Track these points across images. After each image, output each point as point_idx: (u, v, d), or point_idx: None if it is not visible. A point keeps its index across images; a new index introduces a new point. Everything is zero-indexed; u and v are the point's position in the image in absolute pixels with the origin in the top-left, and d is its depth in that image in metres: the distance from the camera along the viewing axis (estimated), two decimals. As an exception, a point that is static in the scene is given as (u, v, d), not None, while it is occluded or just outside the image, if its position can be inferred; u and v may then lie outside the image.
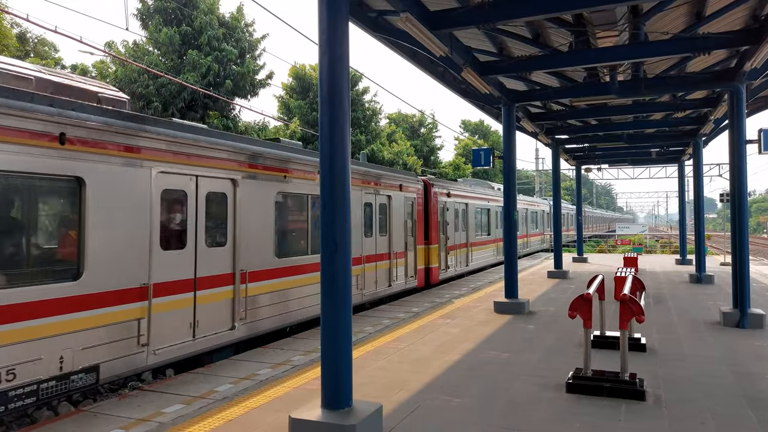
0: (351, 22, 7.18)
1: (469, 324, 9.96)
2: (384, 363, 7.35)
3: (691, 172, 18.49)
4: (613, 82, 10.79)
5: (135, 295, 6.79)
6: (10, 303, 5.45)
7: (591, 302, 6.06)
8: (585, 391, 5.99)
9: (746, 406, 5.58)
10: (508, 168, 12.01)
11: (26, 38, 29.06)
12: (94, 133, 6.34)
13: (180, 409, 5.81)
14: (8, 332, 5.42)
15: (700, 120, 15.34)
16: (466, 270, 19.70)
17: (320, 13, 5.08)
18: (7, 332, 5.41)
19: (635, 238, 44.20)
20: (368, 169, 12.98)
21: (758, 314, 9.59)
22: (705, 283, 15.77)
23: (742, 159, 9.96)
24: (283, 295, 9.50)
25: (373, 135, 31.34)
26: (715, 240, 50.50)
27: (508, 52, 10.43)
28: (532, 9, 7.46)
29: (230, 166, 8.39)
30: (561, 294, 13.72)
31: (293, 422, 4.62)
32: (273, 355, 8.21)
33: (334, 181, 4.97)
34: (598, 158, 23.11)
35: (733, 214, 10.01)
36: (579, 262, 23.53)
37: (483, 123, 62.78)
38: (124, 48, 23.53)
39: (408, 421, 5.23)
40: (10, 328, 5.44)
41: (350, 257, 5.06)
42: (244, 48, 24.90)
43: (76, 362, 6.02)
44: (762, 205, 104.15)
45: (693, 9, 8.59)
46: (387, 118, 43.77)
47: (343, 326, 4.94)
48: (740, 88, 10.08)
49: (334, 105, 4.99)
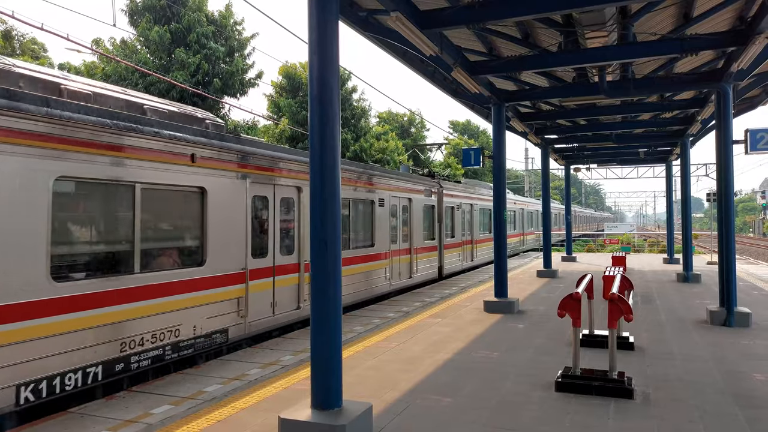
0: (341, 21, 7.15)
1: (459, 323, 9.98)
2: (374, 363, 7.34)
3: (679, 171, 18.65)
4: (602, 82, 10.85)
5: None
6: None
7: (580, 301, 6.08)
8: (574, 389, 6.01)
9: (734, 404, 5.63)
10: (498, 167, 12.04)
11: (11, 36, 28.70)
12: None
13: (168, 409, 5.76)
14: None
15: (687, 120, 15.48)
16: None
17: (310, 12, 5.06)
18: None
19: (623, 237, 44.52)
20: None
21: (745, 313, 9.68)
22: (692, 282, 15.91)
23: (728, 159, 10.05)
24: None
25: (362, 133, 31.29)
26: (702, 239, 51.05)
27: (498, 52, 10.46)
28: (521, 9, 7.48)
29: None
30: (550, 293, 13.78)
31: (283, 422, 4.60)
32: (262, 355, 8.18)
33: (324, 180, 4.95)
34: (587, 158, 23.23)
35: (720, 214, 10.11)
36: (568, 261, 23.66)
37: (470, 123, 62.91)
38: (112, 45, 23.31)
39: (398, 421, 5.23)
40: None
41: (340, 257, 5.05)
42: (233, 46, 24.77)
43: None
44: (748, 205, 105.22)
45: (681, 10, 8.66)
46: (378, 117, 43.77)
47: (333, 326, 4.92)
48: (727, 89, 10.17)
49: (324, 104, 4.97)
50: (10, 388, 5.49)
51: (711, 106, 12.45)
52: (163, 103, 8.58)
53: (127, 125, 6.87)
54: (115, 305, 6.62)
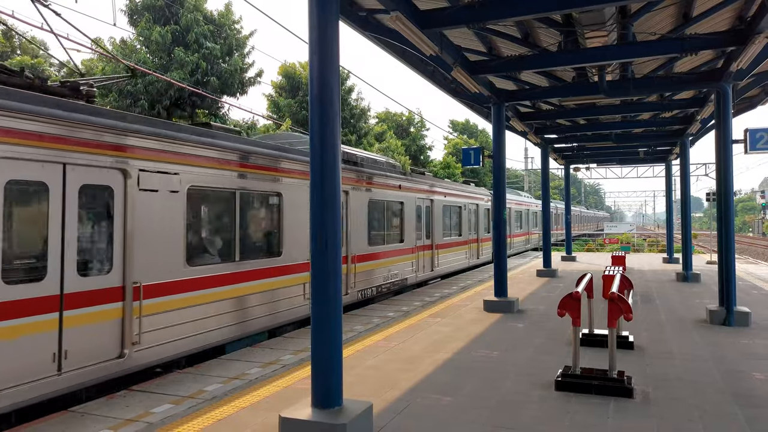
0: (341, 20, 7.15)
1: (459, 323, 9.99)
2: (374, 362, 7.35)
3: (678, 171, 18.66)
4: (602, 82, 10.86)
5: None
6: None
7: (580, 301, 6.09)
8: (574, 389, 6.02)
9: (733, 404, 5.65)
10: (498, 167, 12.05)
11: (12, 35, 28.69)
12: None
13: (169, 408, 5.77)
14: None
15: (687, 120, 15.48)
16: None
17: (310, 11, 5.06)
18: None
19: (623, 237, 44.53)
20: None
21: (744, 312, 9.69)
22: (692, 281, 15.92)
23: (728, 158, 10.06)
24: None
25: (362, 134, 31.28)
26: (702, 239, 51.08)
27: (498, 52, 10.46)
28: (521, 9, 7.48)
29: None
30: (550, 292, 13.79)
31: (283, 421, 4.61)
32: (263, 354, 8.19)
33: (324, 180, 4.95)
34: (587, 158, 23.23)
35: (720, 214, 10.12)
36: (568, 260, 23.66)
37: (470, 122, 62.88)
38: (111, 45, 23.29)
39: (398, 420, 5.24)
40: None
41: (340, 256, 5.05)
42: (231, 45, 24.73)
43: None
44: (748, 204, 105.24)
45: (680, 10, 8.67)
46: (376, 117, 43.72)
47: (333, 325, 4.93)
48: (727, 89, 10.18)
49: (324, 104, 4.98)
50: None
51: (710, 106, 12.45)
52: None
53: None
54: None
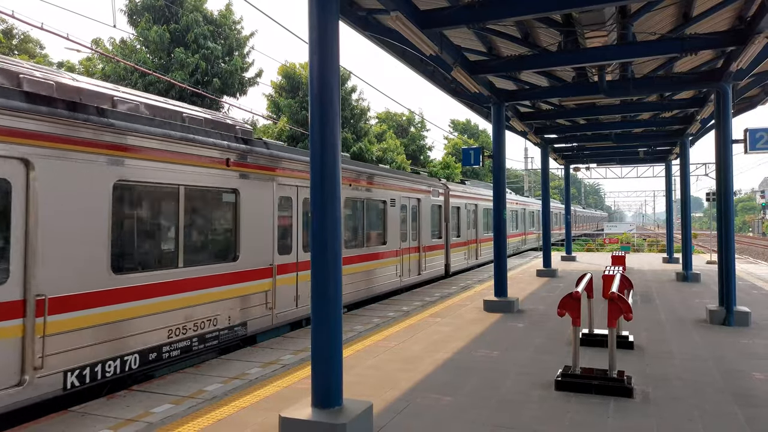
0: (341, 20, 7.16)
1: (459, 323, 9.99)
2: (374, 362, 7.35)
3: (678, 171, 18.66)
4: (602, 82, 10.86)
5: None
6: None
7: (580, 300, 6.10)
8: (574, 388, 6.03)
9: (733, 403, 5.65)
10: (498, 167, 12.05)
11: (12, 34, 28.70)
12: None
13: (169, 408, 5.77)
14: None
15: (687, 120, 15.48)
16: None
17: (310, 11, 5.07)
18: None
19: (623, 237, 44.54)
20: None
21: (744, 312, 9.70)
22: (692, 281, 15.93)
23: (728, 158, 10.07)
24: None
25: (362, 133, 31.29)
26: (702, 239, 51.09)
27: (498, 52, 10.46)
28: (521, 9, 7.49)
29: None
30: (550, 292, 13.80)
31: (283, 421, 4.61)
32: (263, 354, 8.19)
33: (324, 181, 4.96)
34: (587, 157, 23.24)
35: (720, 213, 10.12)
36: (567, 260, 23.66)
37: (470, 122, 62.86)
38: (111, 45, 23.30)
39: (398, 420, 5.24)
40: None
41: (340, 256, 5.06)
42: (231, 46, 24.74)
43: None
44: (748, 204, 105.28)
45: (680, 10, 8.67)
46: (376, 118, 43.72)
47: (334, 325, 4.94)
48: (726, 89, 10.18)
49: (324, 104, 4.98)
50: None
51: (710, 106, 12.45)
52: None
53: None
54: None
